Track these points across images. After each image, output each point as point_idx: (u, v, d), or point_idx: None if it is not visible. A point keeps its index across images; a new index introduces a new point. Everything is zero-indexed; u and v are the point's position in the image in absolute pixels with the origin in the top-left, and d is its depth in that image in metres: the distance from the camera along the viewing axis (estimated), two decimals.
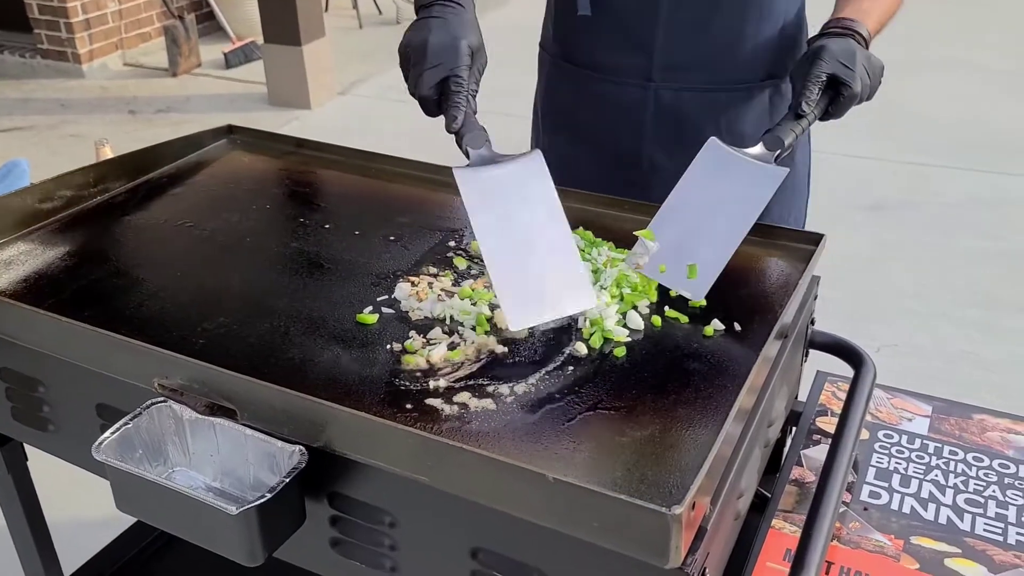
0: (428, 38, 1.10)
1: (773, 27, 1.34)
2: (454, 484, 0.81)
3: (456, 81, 1.08)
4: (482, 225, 1.03)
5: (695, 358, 0.97)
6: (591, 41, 1.41)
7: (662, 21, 1.32)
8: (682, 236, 1.10)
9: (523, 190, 1.07)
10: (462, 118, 1.08)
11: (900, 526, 1.01)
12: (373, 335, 1.02)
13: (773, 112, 1.39)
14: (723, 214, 1.10)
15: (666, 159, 1.40)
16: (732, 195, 1.11)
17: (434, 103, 1.11)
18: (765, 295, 1.09)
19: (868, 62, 1.16)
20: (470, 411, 0.90)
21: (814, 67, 1.13)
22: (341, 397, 0.91)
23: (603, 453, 0.84)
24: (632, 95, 1.38)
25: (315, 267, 1.18)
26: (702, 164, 1.14)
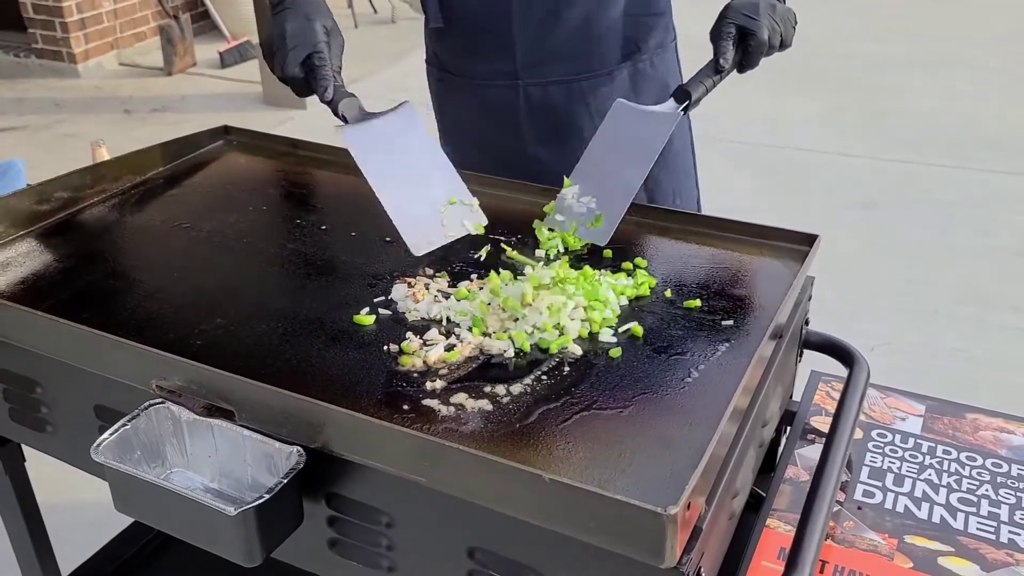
0: (284, 25, 1.18)
1: (617, 11, 1.41)
2: (450, 485, 0.82)
3: (318, 56, 1.16)
4: (372, 170, 1.13)
5: (690, 359, 0.98)
6: (456, 50, 1.48)
7: (516, 21, 1.38)
8: (591, 190, 1.18)
9: (403, 136, 1.19)
10: (331, 88, 1.16)
11: (894, 525, 1.01)
12: (370, 336, 1.02)
13: (635, 89, 1.47)
14: (624, 164, 1.18)
15: (548, 153, 1.47)
16: (633, 145, 1.19)
17: (303, 82, 1.18)
18: (759, 296, 1.10)
19: (773, 11, 1.21)
20: (467, 412, 0.90)
21: (721, 25, 1.20)
22: (338, 398, 0.92)
23: (599, 453, 0.85)
24: (504, 96, 1.45)
25: (312, 268, 1.18)
26: (610, 123, 1.23)
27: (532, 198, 1.30)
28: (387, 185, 1.13)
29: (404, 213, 1.13)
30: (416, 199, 1.15)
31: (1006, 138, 4.23)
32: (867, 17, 5.68)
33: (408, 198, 1.14)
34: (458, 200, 1.17)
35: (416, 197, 1.15)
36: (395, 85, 5.07)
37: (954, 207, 3.65)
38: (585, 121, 1.45)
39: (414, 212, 1.13)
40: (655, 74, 1.49)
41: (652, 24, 1.47)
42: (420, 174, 1.17)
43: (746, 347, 0.99)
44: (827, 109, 4.47)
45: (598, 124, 1.27)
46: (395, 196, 1.13)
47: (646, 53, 1.47)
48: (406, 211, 1.13)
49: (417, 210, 1.14)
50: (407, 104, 1.22)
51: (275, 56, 1.18)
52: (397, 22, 6.36)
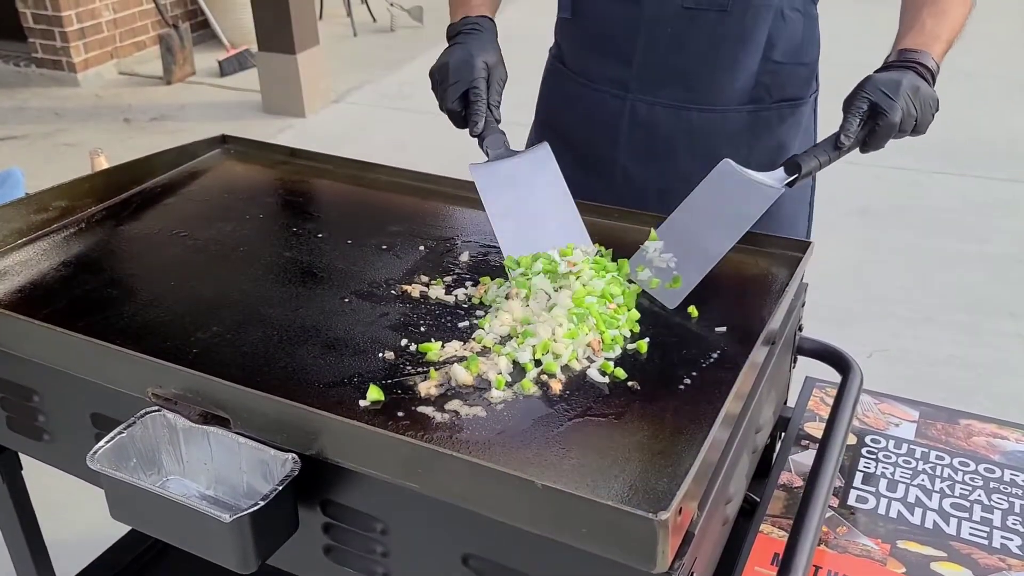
0: (449, 59, 1.24)
1: (753, 53, 1.33)
2: (445, 491, 0.82)
3: (475, 92, 1.21)
4: (493, 206, 1.17)
5: (683, 365, 0.99)
6: (577, 46, 1.45)
7: (642, 32, 1.34)
8: (675, 248, 1.13)
9: (533, 176, 1.21)
10: (482, 123, 1.21)
11: (887, 530, 1.02)
12: (366, 343, 1.03)
13: (752, 140, 1.38)
14: (714, 229, 1.12)
15: (639, 171, 1.43)
16: (726, 212, 1.12)
17: (459, 116, 1.23)
18: (753, 302, 1.11)
19: (915, 93, 1.13)
20: (461, 419, 0.91)
21: (855, 98, 1.12)
22: (334, 405, 0.92)
23: (592, 460, 0.85)
24: (610, 104, 1.41)
25: (308, 276, 1.19)
26: (709, 182, 1.16)
27: None
28: (505, 220, 1.17)
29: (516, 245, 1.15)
30: (531, 238, 1.15)
31: (1003, 145, 4.24)
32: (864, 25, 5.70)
33: (524, 236, 1.16)
34: (575, 248, 1.14)
35: (532, 237, 1.15)
36: (392, 94, 5.10)
37: (950, 214, 3.66)
38: (683, 151, 1.38)
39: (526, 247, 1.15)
40: (779, 128, 1.40)
41: (793, 73, 1.38)
42: (542, 216, 1.18)
43: (739, 353, 1.00)
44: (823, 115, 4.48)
45: (697, 161, 1.22)
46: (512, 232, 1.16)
47: (776, 102, 1.38)
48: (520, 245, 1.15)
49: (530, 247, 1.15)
50: (543, 146, 1.24)
51: (437, 88, 1.25)
52: (396, 31, 6.38)
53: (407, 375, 0.98)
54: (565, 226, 1.17)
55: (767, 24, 1.32)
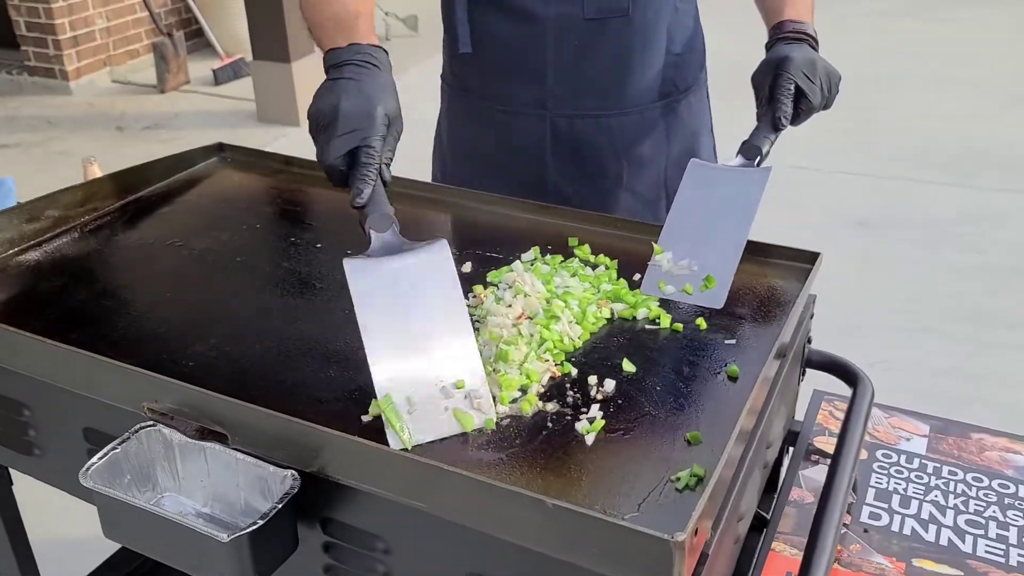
0: (340, 103, 1.00)
1: (658, 50, 1.37)
2: (451, 510, 0.80)
3: (367, 152, 0.99)
4: (367, 323, 0.91)
5: (693, 379, 0.96)
6: (484, 74, 1.42)
7: (549, 48, 1.33)
8: (688, 253, 1.12)
9: (421, 283, 0.95)
10: (368, 192, 0.99)
11: (901, 548, 1.00)
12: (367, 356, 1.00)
13: (668, 131, 1.42)
14: (721, 222, 1.13)
15: (570, 187, 1.43)
16: (725, 204, 1.14)
17: (341, 173, 1.01)
18: (762, 314, 1.08)
19: (827, 73, 1.19)
20: (467, 435, 0.88)
21: (781, 80, 1.17)
22: (334, 421, 0.89)
23: (601, 477, 0.83)
24: (529, 124, 1.40)
25: (307, 287, 1.16)
26: (689, 184, 1.18)
27: (531, 215, 1.29)
28: (379, 337, 0.90)
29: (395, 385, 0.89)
30: (417, 372, 0.90)
31: (1001, 156, 4.24)
32: (862, 36, 5.71)
33: (408, 369, 0.90)
34: (467, 387, 0.90)
35: (412, 365, 0.90)
36: None
37: (948, 224, 3.65)
38: (610, 159, 1.40)
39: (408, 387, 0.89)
40: (688, 116, 1.44)
41: (691, 61, 1.43)
42: (428, 337, 0.92)
43: (750, 367, 0.97)
44: (821, 126, 4.48)
45: (624, 163, 1.24)
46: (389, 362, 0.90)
47: (682, 93, 1.42)
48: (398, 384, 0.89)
49: (414, 386, 0.89)
50: (441, 244, 0.99)
51: (319, 135, 1.02)
52: (391, 40, 6.37)
53: None
54: (455, 353, 0.92)
55: (666, 21, 1.36)
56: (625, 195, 1.45)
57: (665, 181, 1.46)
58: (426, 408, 0.88)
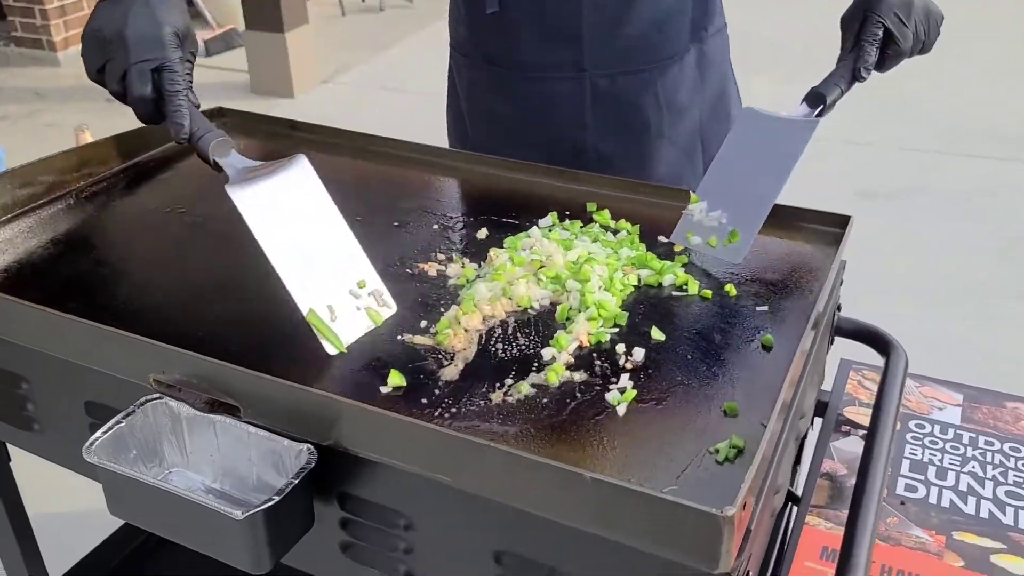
0: (125, 26, 0.91)
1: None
2: (478, 485, 0.75)
3: (171, 79, 0.92)
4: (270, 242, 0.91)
5: (727, 348, 0.92)
6: (511, 39, 1.35)
7: (586, 9, 1.27)
8: (722, 204, 1.07)
9: (300, 199, 0.96)
10: (187, 123, 0.94)
11: (940, 521, 0.96)
12: (384, 325, 0.96)
13: (702, 75, 1.38)
14: (759, 175, 1.07)
15: (613, 145, 1.38)
16: (767, 156, 1.07)
17: (149, 105, 0.95)
18: (794, 280, 1.04)
19: (926, 13, 1.08)
20: (490, 406, 0.84)
21: (869, 23, 1.06)
22: (352, 391, 0.85)
23: (636, 449, 0.79)
24: (566, 89, 1.34)
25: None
26: (738, 132, 1.12)
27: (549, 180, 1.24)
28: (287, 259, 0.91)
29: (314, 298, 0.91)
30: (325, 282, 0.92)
31: (1014, 127, 4.19)
32: None
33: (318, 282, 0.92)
34: (370, 286, 0.95)
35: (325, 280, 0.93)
36: (384, 75, 5.00)
37: (957, 196, 3.61)
38: (653, 112, 1.35)
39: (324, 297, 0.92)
40: (717, 58, 1.40)
41: (713, 3, 1.39)
42: (325, 250, 0.94)
43: (785, 335, 0.93)
44: None
45: (666, 115, 1.18)
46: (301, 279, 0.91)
47: (709, 35, 1.38)
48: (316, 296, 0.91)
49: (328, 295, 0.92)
50: (300, 158, 0.99)
51: (107, 64, 0.94)
52: (385, 10, 6.27)
53: (429, 359, 0.90)
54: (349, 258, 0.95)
55: None
56: (666, 147, 1.40)
57: (700, 128, 1.42)
58: (344, 313, 0.92)
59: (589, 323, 0.94)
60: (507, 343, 0.93)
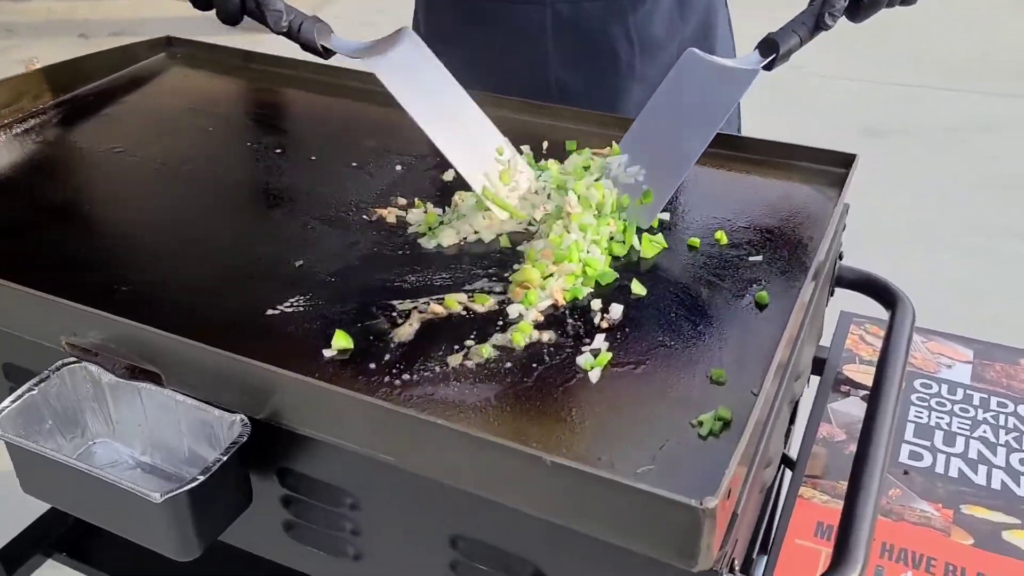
0: None
1: None
2: (427, 466, 0.66)
3: None
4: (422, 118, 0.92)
5: (715, 305, 0.82)
6: None
7: None
8: (644, 160, 0.96)
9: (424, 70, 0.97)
10: (285, 12, 0.93)
11: (947, 492, 0.87)
12: (331, 279, 0.85)
13: (683, 8, 1.26)
14: (685, 127, 0.95)
15: (575, 79, 1.26)
16: (698, 105, 0.95)
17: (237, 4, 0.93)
18: (791, 227, 0.94)
19: None
20: (447, 370, 0.74)
21: None
22: (292, 358, 0.75)
23: (610, 421, 0.69)
24: (527, 16, 1.23)
25: (266, 199, 1.01)
26: (673, 80, 0.99)
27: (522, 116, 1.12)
28: (438, 127, 0.93)
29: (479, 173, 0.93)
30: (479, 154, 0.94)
31: (1011, 61, 4.04)
32: None
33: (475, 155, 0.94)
34: (506, 153, 0.96)
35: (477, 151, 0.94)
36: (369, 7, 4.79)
37: (960, 132, 3.48)
38: (622, 46, 1.23)
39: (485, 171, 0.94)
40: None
41: None
42: (461, 117, 0.96)
43: (780, 289, 0.83)
44: None
45: (638, 50, 1.06)
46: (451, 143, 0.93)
47: None
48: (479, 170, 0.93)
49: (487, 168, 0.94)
50: (406, 31, 0.99)
51: None
52: None
53: (381, 317, 0.80)
54: (483, 126, 0.97)
55: None
56: (637, 86, 1.28)
57: None
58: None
59: (566, 280, 0.84)
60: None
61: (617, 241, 0.90)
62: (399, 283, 0.85)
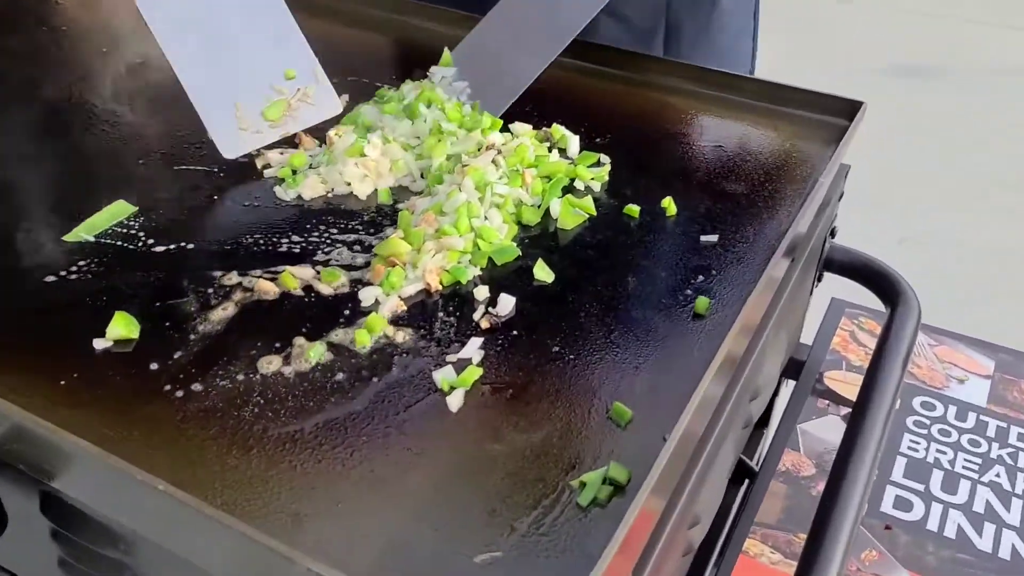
0: None
1: None
2: (160, 536, 0.46)
3: None
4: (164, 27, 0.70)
5: (643, 302, 0.61)
6: None
7: None
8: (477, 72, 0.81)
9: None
10: None
11: (939, 560, 0.66)
12: None
13: None
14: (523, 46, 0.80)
15: None
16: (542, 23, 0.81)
17: None
18: (768, 193, 0.71)
19: None
20: (253, 379, 0.54)
21: None
22: (47, 349, 0.55)
23: (455, 474, 0.49)
24: None
25: (83, 120, 0.79)
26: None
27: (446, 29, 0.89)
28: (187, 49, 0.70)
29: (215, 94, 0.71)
30: (234, 72, 0.72)
31: None
32: None
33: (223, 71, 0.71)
34: (297, 74, 0.73)
35: (234, 69, 0.72)
36: None
37: (1003, 76, 3.17)
38: None
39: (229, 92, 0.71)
40: None
41: None
42: (243, 32, 0.73)
43: (735, 286, 0.61)
44: None
45: None
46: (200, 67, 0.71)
47: None
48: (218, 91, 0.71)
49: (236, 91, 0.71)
50: None
51: None
52: None
53: (191, 295, 0.60)
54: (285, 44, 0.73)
55: None
56: (608, 22, 1.04)
57: (669, 6, 1.05)
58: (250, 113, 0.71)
59: (447, 256, 0.62)
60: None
61: (529, 206, 0.68)
62: (231, 246, 0.64)
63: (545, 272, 0.62)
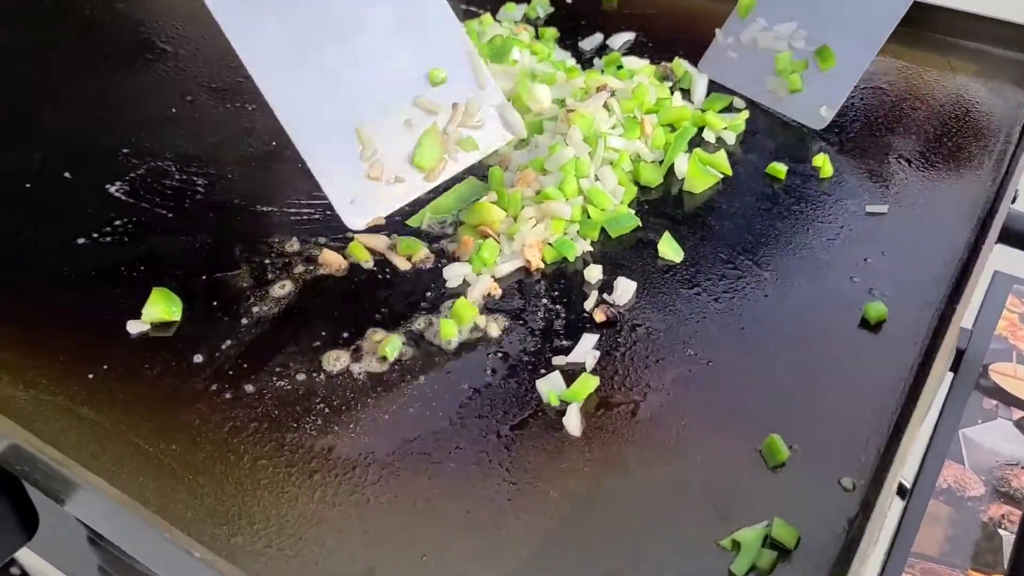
0: None
1: None
2: None
3: None
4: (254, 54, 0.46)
5: (803, 291, 0.48)
6: None
7: None
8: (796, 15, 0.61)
9: None
10: None
11: None
12: None
13: None
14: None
15: None
16: None
17: None
18: (947, 153, 0.57)
19: None
20: (316, 381, 0.44)
21: None
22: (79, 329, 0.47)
23: (576, 516, 0.38)
24: None
25: (134, 49, 0.69)
26: None
27: None
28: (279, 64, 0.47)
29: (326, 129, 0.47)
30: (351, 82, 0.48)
31: None
32: None
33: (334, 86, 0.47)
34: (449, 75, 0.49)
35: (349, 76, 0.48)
36: None
37: None
38: None
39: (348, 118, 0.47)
40: None
41: None
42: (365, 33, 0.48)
43: (926, 261, 0.49)
44: None
45: None
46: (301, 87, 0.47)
47: None
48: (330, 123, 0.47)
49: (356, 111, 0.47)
50: None
51: None
52: None
53: (244, 266, 0.50)
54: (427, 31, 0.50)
55: None
56: None
57: None
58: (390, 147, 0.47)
59: (552, 227, 0.51)
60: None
61: (649, 162, 0.56)
62: (290, 208, 0.54)
63: (673, 249, 0.50)
